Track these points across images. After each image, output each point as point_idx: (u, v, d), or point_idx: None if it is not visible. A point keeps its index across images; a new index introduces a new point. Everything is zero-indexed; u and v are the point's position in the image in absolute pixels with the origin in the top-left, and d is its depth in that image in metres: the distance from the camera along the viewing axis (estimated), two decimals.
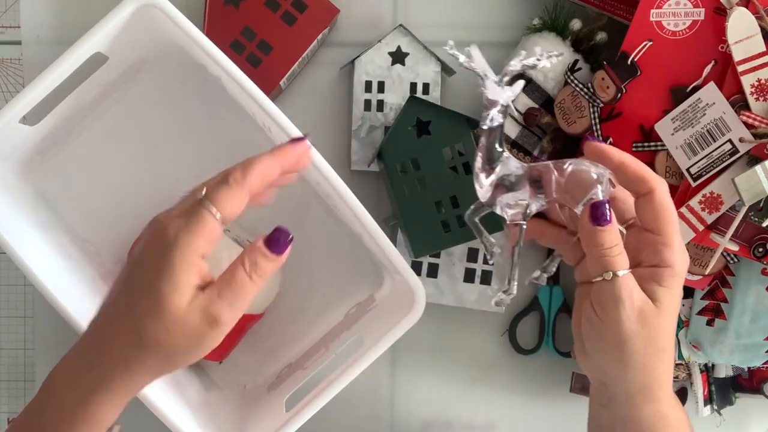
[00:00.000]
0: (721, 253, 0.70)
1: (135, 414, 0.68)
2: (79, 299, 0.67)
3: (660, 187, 0.55)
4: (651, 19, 0.69)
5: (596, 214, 0.53)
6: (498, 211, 0.61)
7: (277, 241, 0.51)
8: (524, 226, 0.61)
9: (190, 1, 0.76)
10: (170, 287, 0.48)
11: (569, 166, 0.58)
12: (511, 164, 0.60)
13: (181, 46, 0.68)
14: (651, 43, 0.69)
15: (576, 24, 0.73)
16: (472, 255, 0.77)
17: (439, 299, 0.77)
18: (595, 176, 0.57)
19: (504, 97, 0.58)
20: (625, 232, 0.59)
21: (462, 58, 0.58)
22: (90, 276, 0.73)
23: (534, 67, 0.60)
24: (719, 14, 0.68)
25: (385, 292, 0.75)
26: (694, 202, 0.69)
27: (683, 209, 0.69)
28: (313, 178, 0.69)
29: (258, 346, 0.78)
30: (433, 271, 0.77)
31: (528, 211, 0.61)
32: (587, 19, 0.75)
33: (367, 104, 0.76)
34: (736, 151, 0.67)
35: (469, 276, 0.77)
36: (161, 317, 0.48)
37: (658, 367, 0.55)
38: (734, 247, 0.70)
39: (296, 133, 0.65)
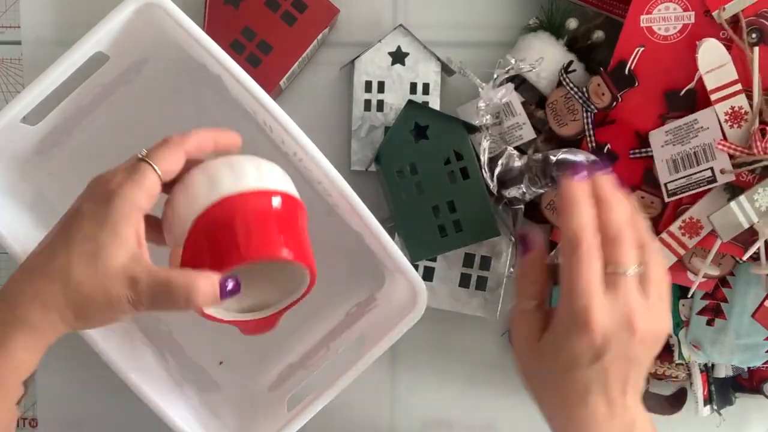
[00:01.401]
0: (730, 255, 0.71)
1: (135, 414, 0.68)
2: None
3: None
4: (641, 24, 0.69)
5: (577, 169, 0.56)
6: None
7: (226, 289, 0.53)
8: (522, 208, 0.72)
9: (190, 1, 0.76)
10: (111, 237, 0.51)
11: (560, 155, 0.63)
12: (513, 159, 0.62)
13: (181, 45, 0.68)
14: (643, 48, 0.69)
15: (572, 23, 0.74)
16: (468, 260, 0.77)
17: (433, 303, 0.77)
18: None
19: (496, 97, 0.62)
20: None
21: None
22: None
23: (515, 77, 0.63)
24: (710, 17, 0.68)
25: (385, 292, 0.75)
26: (674, 227, 0.70)
27: (663, 235, 0.70)
28: (314, 177, 0.69)
29: (259, 346, 0.78)
30: (428, 274, 0.77)
31: (525, 198, 0.71)
32: (584, 18, 0.75)
33: (367, 104, 0.76)
34: (715, 180, 0.68)
35: (464, 281, 0.77)
36: (94, 263, 0.50)
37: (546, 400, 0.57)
38: (714, 272, 0.71)
39: (296, 131, 0.65)
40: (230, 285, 0.53)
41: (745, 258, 0.69)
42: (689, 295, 0.74)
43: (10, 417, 0.53)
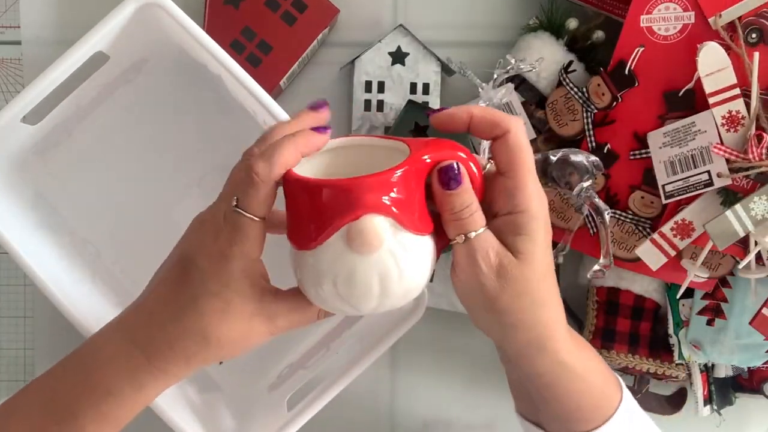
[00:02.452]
0: (730, 255, 0.71)
1: (137, 414, 0.68)
2: (78, 298, 0.67)
3: (515, 126, 0.52)
4: (641, 24, 0.69)
5: (444, 179, 0.50)
6: None
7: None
8: None
9: (190, 1, 0.76)
10: (237, 294, 0.52)
11: (560, 155, 0.63)
12: None
13: (182, 45, 0.68)
14: (643, 48, 0.69)
15: (572, 23, 0.74)
16: None
17: (433, 303, 0.77)
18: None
19: (496, 97, 0.62)
20: None
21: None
22: (90, 275, 0.73)
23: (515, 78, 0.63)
24: None
25: None
26: (666, 228, 0.70)
27: (655, 236, 0.70)
28: None
29: (259, 347, 0.78)
30: None
31: None
32: (585, 18, 0.75)
33: (367, 104, 0.76)
34: (711, 183, 0.68)
35: None
36: (227, 319, 0.52)
37: (540, 319, 0.52)
38: (704, 274, 0.71)
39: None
40: None
41: (745, 261, 0.69)
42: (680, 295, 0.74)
43: None
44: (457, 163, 0.51)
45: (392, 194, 0.49)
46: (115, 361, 0.54)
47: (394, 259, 0.49)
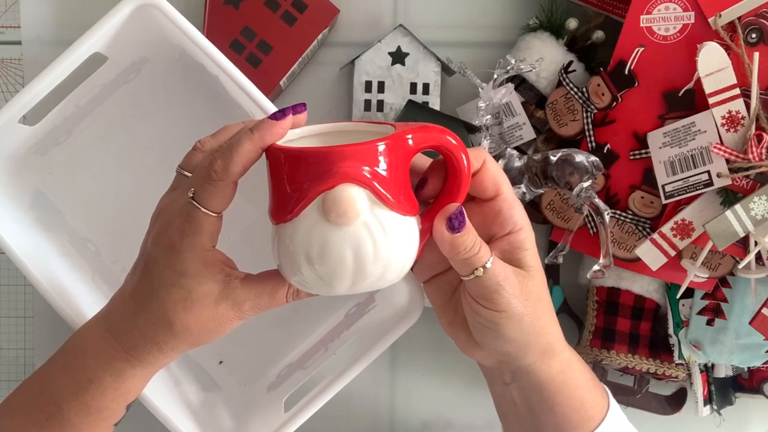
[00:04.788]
0: (730, 255, 0.71)
1: (135, 414, 0.68)
2: (78, 298, 0.67)
3: (486, 154, 0.54)
4: (641, 25, 0.69)
5: (453, 224, 0.52)
6: None
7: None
8: None
9: (190, 1, 0.76)
10: (195, 281, 0.53)
11: (560, 155, 0.64)
12: (513, 159, 0.65)
13: (179, 45, 0.68)
14: (643, 48, 0.69)
15: (572, 23, 0.74)
16: None
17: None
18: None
19: (496, 98, 0.62)
20: None
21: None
22: (90, 275, 0.73)
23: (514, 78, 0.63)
24: None
25: (385, 293, 0.75)
26: (666, 228, 0.70)
27: (655, 236, 0.70)
28: None
29: (258, 346, 0.78)
30: None
31: (525, 198, 0.71)
32: (585, 18, 0.75)
33: (367, 104, 0.76)
34: (711, 183, 0.68)
35: None
36: (191, 308, 0.53)
37: (548, 323, 0.56)
38: (704, 274, 0.71)
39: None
40: None
41: (745, 261, 0.69)
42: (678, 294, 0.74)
43: None
44: (461, 207, 0.51)
45: (372, 167, 0.48)
46: (94, 350, 0.55)
47: (370, 234, 0.48)
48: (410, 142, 0.50)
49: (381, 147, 0.48)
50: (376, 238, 0.48)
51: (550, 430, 0.59)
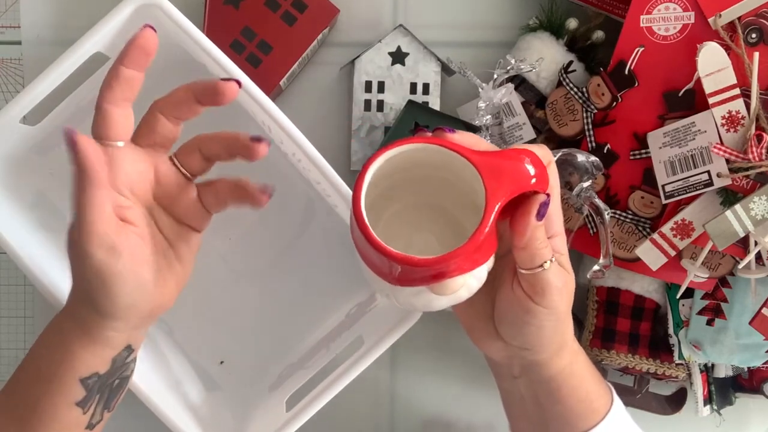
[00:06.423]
0: (730, 255, 0.71)
1: (135, 414, 0.68)
2: None
3: (552, 158, 0.55)
4: (641, 25, 0.69)
5: (543, 211, 0.53)
6: None
7: None
8: None
9: (190, 1, 0.76)
10: (83, 243, 0.52)
11: (560, 155, 0.64)
12: None
13: (180, 45, 0.68)
14: (643, 48, 0.69)
15: (572, 23, 0.74)
16: None
17: None
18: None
19: (496, 98, 0.62)
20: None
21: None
22: None
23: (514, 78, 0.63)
24: None
25: None
26: (666, 228, 0.70)
27: (655, 236, 0.70)
28: (313, 178, 0.69)
29: (259, 346, 0.78)
30: None
31: None
32: (585, 18, 0.75)
33: (367, 104, 0.76)
34: (711, 183, 0.68)
35: None
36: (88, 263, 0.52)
37: (570, 320, 0.58)
38: (704, 274, 0.71)
39: (294, 131, 0.66)
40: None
41: (745, 261, 0.69)
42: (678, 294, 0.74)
43: (73, 416, 0.56)
44: (549, 197, 0.53)
45: (472, 256, 0.50)
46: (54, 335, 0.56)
47: (468, 289, 0.52)
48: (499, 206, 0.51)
49: (482, 238, 0.49)
50: (472, 289, 0.53)
51: (557, 422, 0.60)
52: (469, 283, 0.52)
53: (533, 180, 0.51)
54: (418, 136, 0.52)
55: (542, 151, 0.53)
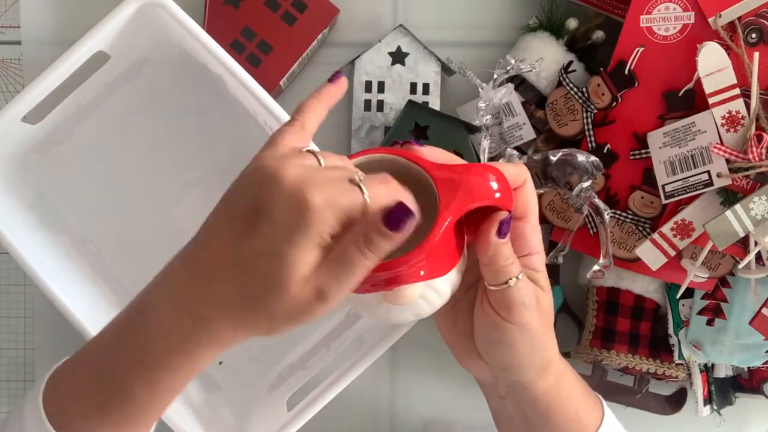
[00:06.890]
0: (730, 255, 0.71)
1: None
2: (79, 298, 0.67)
3: (528, 176, 0.55)
4: (641, 25, 0.69)
5: (503, 230, 0.53)
6: None
7: (395, 217, 0.47)
8: None
9: (190, 1, 0.76)
10: (290, 274, 0.47)
11: (560, 155, 0.65)
12: (513, 159, 0.67)
13: (182, 44, 0.68)
14: (643, 48, 0.69)
15: (572, 23, 0.74)
16: None
17: None
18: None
19: (496, 98, 0.62)
20: None
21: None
22: (90, 275, 0.73)
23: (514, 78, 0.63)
24: None
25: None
26: (666, 228, 0.70)
27: (655, 236, 0.70)
28: None
29: (259, 346, 0.78)
30: None
31: None
32: (585, 18, 0.75)
33: (367, 104, 0.76)
34: (711, 183, 0.68)
35: None
36: (279, 297, 0.47)
37: (551, 339, 0.58)
38: (704, 274, 0.71)
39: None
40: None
41: (745, 261, 0.69)
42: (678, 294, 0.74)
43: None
44: (511, 214, 0.53)
45: (424, 263, 0.51)
46: (161, 322, 0.50)
47: (427, 301, 0.53)
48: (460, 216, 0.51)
49: (434, 243, 0.49)
50: (432, 302, 0.53)
51: None
52: (428, 295, 0.52)
53: (497, 195, 0.51)
54: (385, 146, 0.53)
55: (517, 169, 0.54)
